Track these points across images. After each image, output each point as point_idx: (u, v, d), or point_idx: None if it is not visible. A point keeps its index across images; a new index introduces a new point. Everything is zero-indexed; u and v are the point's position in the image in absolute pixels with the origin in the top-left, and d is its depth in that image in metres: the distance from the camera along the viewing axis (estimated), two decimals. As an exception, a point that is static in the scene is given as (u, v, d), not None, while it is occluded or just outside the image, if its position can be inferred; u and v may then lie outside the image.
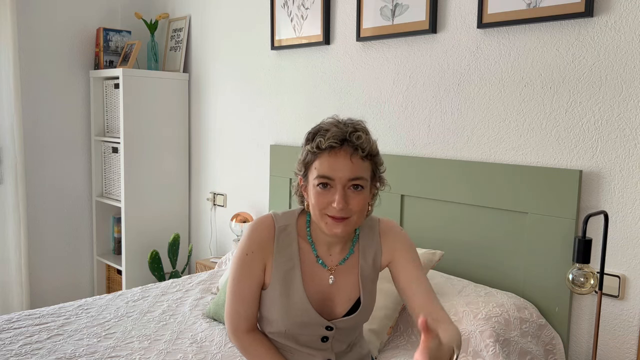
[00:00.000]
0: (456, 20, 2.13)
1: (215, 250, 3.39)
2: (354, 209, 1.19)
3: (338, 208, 1.16)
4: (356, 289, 1.31)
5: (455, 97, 2.16)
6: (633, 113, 1.72)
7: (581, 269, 1.65)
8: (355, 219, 1.20)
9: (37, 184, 3.32)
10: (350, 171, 1.17)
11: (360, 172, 1.19)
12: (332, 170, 1.17)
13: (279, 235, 1.28)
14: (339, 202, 1.16)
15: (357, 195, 1.19)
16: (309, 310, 1.26)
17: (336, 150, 1.17)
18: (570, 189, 1.81)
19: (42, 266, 3.38)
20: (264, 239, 1.27)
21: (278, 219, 1.30)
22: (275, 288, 1.27)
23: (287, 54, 2.82)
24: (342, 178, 1.17)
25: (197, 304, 2.16)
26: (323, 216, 1.20)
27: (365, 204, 1.22)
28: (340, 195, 1.17)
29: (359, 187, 1.19)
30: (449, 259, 2.16)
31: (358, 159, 1.18)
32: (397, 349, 1.75)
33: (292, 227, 1.29)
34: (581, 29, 1.81)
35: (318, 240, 1.29)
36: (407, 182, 2.26)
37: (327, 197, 1.18)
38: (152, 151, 3.34)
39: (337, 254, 1.30)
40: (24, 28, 3.20)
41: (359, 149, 1.18)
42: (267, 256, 1.27)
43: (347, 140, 1.18)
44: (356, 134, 1.18)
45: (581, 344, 1.88)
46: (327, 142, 1.17)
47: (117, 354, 1.71)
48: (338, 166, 1.17)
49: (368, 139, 1.21)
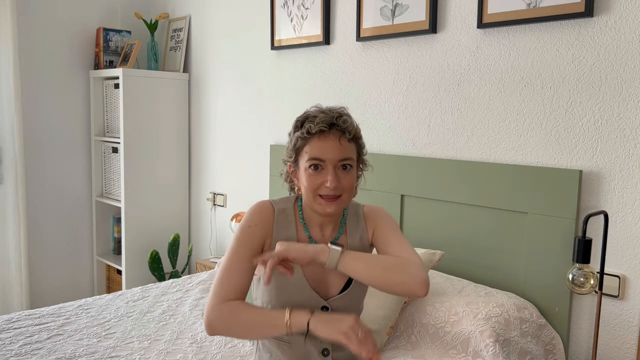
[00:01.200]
0: (456, 20, 2.13)
1: (215, 250, 3.39)
2: (345, 187, 1.28)
3: (331, 187, 1.25)
4: None
5: (455, 97, 2.16)
6: (633, 113, 1.72)
7: (581, 269, 1.65)
8: (345, 197, 1.30)
9: (37, 184, 3.32)
10: (340, 152, 1.27)
11: (348, 153, 1.29)
12: (323, 153, 1.26)
13: (277, 217, 1.34)
14: (332, 181, 1.25)
15: (346, 174, 1.29)
16: (305, 287, 1.30)
17: (325, 133, 1.27)
18: (570, 189, 1.81)
19: (42, 266, 3.38)
20: (264, 217, 1.33)
21: (276, 203, 1.37)
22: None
23: (287, 54, 2.82)
24: (332, 159, 1.26)
25: (197, 304, 2.16)
26: (316, 197, 1.28)
27: (354, 182, 1.32)
28: (332, 175, 1.26)
29: (348, 167, 1.29)
30: (449, 259, 2.16)
31: (345, 141, 1.28)
32: (397, 349, 1.75)
33: (290, 210, 1.37)
34: (581, 29, 1.81)
35: (311, 223, 1.36)
36: (407, 182, 2.26)
37: (319, 178, 1.27)
38: (152, 151, 3.34)
39: (328, 235, 1.37)
40: (24, 28, 3.20)
41: (345, 131, 1.28)
42: (267, 233, 1.33)
43: (335, 125, 1.28)
44: (342, 118, 1.29)
45: (581, 344, 1.88)
46: (317, 127, 1.26)
47: (117, 354, 1.71)
48: (328, 148, 1.26)
49: (352, 123, 1.31)
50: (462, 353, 1.65)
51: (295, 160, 1.32)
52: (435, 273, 2.07)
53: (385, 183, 2.33)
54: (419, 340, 1.75)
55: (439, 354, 1.67)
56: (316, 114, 1.29)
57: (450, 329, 1.70)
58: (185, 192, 3.54)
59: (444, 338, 1.70)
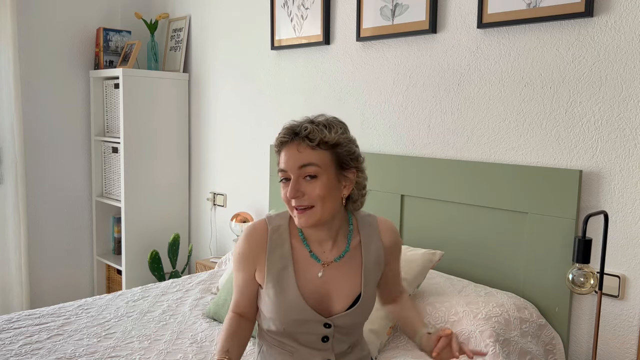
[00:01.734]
0: (456, 20, 2.13)
1: (215, 250, 3.39)
2: (311, 197, 1.22)
3: (290, 196, 1.22)
4: (356, 285, 1.31)
5: (455, 97, 2.16)
6: (633, 113, 1.72)
7: (581, 269, 1.65)
8: (319, 208, 1.22)
9: (37, 184, 3.32)
10: (297, 159, 1.22)
11: (308, 160, 1.22)
12: (284, 163, 1.24)
13: (271, 236, 1.31)
14: (289, 190, 1.21)
15: (310, 183, 1.22)
16: (303, 307, 1.26)
17: (287, 144, 1.24)
18: (570, 189, 1.81)
19: (42, 266, 3.38)
20: (256, 242, 1.31)
21: (271, 220, 1.33)
22: (269, 287, 1.28)
23: (287, 54, 2.82)
24: (292, 167, 1.22)
25: (197, 304, 2.16)
26: (292, 209, 1.25)
27: (325, 192, 1.22)
28: (291, 184, 1.22)
29: (311, 176, 1.22)
30: (449, 259, 2.16)
31: (306, 148, 1.22)
32: (397, 349, 1.74)
33: (285, 227, 1.33)
34: (581, 29, 1.81)
35: (310, 238, 1.32)
36: (407, 182, 2.26)
37: (286, 189, 1.24)
38: (152, 151, 3.34)
39: (329, 250, 1.32)
40: (24, 28, 3.20)
41: (305, 139, 1.22)
42: (258, 258, 1.30)
43: (297, 134, 1.24)
44: (306, 126, 1.23)
45: (581, 344, 1.88)
46: (279, 138, 1.25)
47: (117, 354, 1.71)
48: (288, 158, 1.23)
49: (319, 130, 1.23)
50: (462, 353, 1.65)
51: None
52: (435, 273, 2.07)
53: (385, 183, 2.33)
54: (419, 340, 1.74)
55: (439, 354, 1.67)
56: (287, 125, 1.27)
57: (451, 329, 1.70)
58: (185, 192, 3.54)
59: (444, 338, 1.70)
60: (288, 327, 1.28)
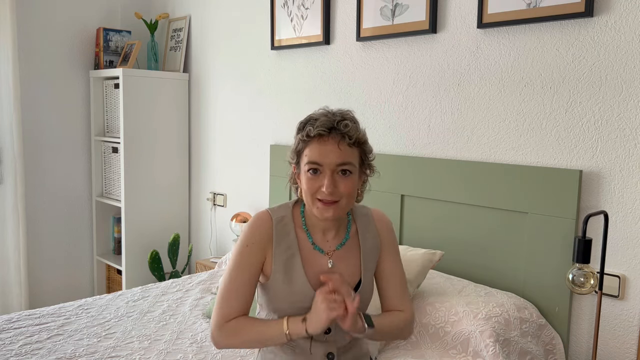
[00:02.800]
0: (456, 20, 2.13)
1: (215, 250, 3.39)
2: (343, 192, 1.26)
3: (327, 192, 1.23)
4: (356, 272, 1.35)
5: (455, 97, 2.16)
6: (633, 113, 1.72)
7: (581, 269, 1.65)
8: (344, 203, 1.27)
9: (37, 184, 3.32)
10: (338, 157, 1.24)
11: (348, 158, 1.26)
12: (321, 157, 1.24)
13: (276, 226, 1.33)
14: (328, 186, 1.23)
15: (345, 180, 1.26)
16: (310, 294, 1.28)
17: (325, 137, 1.25)
18: (570, 189, 1.81)
19: (42, 266, 3.37)
20: (263, 232, 1.32)
21: (274, 212, 1.36)
22: (277, 277, 1.30)
23: (287, 54, 2.82)
24: (330, 164, 1.24)
25: (197, 304, 2.16)
26: (315, 201, 1.27)
27: (354, 188, 1.29)
28: (329, 180, 1.24)
29: (347, 172, 1.26)
30: (449, 259, 2.16)
31: (345, 145, 1.25)
32: (397, 349, 1.74)
33: (289, 217, 1.35)
34: (581, 29, 1.81)
35: (313, 228, 1.35)
36: (407, 182, 2.26)
37: (317, 182, 1.26)
38: (152, 151, 3.34)
39: (332, 239, 1.36)
40: (24, 28, 3.20)
41: (346, 136, 1.25)
42: (266, 248, 1.32)
43: (335, 129, 1.25)
44: (343, 122, 1.25)
45: (581, 344, 1.88)
46: (316, 130, 1.24)
47: (117, 354, 1.71)
48: (326, 152, 1.24)
49: (355, 127, 1.27)
50: (462, 353, 1.65)
51: (297, 162, 1.32)
52: (435, 273, 2.07)
53: (385, 183, 2.33)
54: (419, 340, 1.74)
55: (439, 354, 1.67)
56: (318, 116, 1.27)
57: (450, 329, 1.70)
58: (185, 192, 3.54)
59: (444, 338, 1.70)
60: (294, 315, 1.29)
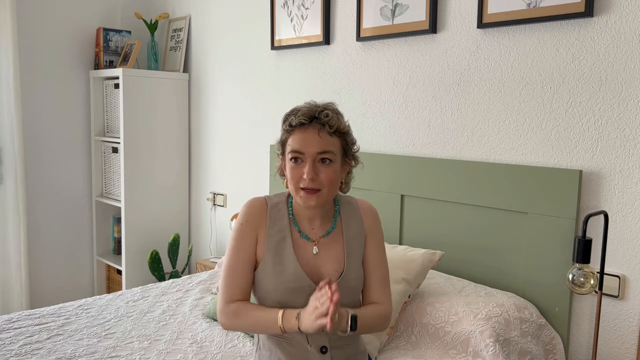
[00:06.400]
0: (456, 20, 2.13)
1: (215, 250, 3.39)
2: (324, 181, 1.30)
3: (308, 178, 1.28)
4: (341, 260, 1.38)
5: (455, 97, 2.16)
6: (633, 113, 1.72)
7: (581, 269, 1.65)
8: (326, 191, 1.32)
9: (37, 184, 3.32)
10: (319, 145, 1.29)
11: (328, 147, 1.30)
12: (302, 145, 1.30)
13: (271, 211, 1.39)
14: (309, 172, 1.28)
15: (326, 168, 1.31)
16: (300, 275, 1.32)
17: (306, 126, 1.30)
18: (570, 189, 1.81)
19: (42, 266, 3.38)
20: (256, 213, 1.38)
21: (270, 198, 1.43)
22: (268, 258, 1.35)
23: (287, 54, 2.82)
24: (311, 152, 1.29)
25: (197, 304, 2.16)
26: (298, 190, 1.32)
27: (336, 177, 1.33)
28: (309, 167, 1.29)
29: (327, 161, 1.31)
30: (449, 259, 2.16)
31: (326, 134, 1.30)
32: (397, 349, 1.75)
33: (283, 203, 1.41)
34: (581, 29, 1.81)
35: (299, 217, 1.40)
36: (407, 182, 2.26)
37: (299, 170, 1.31)
38: (152, 151, 3.34)
39: (318, 227, 1.40)
40: (24, 28, 3.20)
41: (326, 125, 1.30)
42: (259, 227, 1.37)
43: (316, 118, 1.30)
44: (324, 112, 1.31)
45: (581, 344, 1.88)
46: (297, 119, 1.30)
47: (117, 354, 1.71)
48: (307, 141, 1.29)
49: (337, 117, 1.32)
50: (462, 353, 1.65)
51: (282, 152, 1.37)
52: (435, 273, 2.07)
53: (385, 183, 2.33)
54: (419, 340, 1.75)
55: (439, 354, 1.67)
56: (301, 108, 1.32)
57: (450, 329, 1.70)
58: (185, 192, 3.54)
59: (444, 338, 1.70)
60: (284, 296, 1.32)
